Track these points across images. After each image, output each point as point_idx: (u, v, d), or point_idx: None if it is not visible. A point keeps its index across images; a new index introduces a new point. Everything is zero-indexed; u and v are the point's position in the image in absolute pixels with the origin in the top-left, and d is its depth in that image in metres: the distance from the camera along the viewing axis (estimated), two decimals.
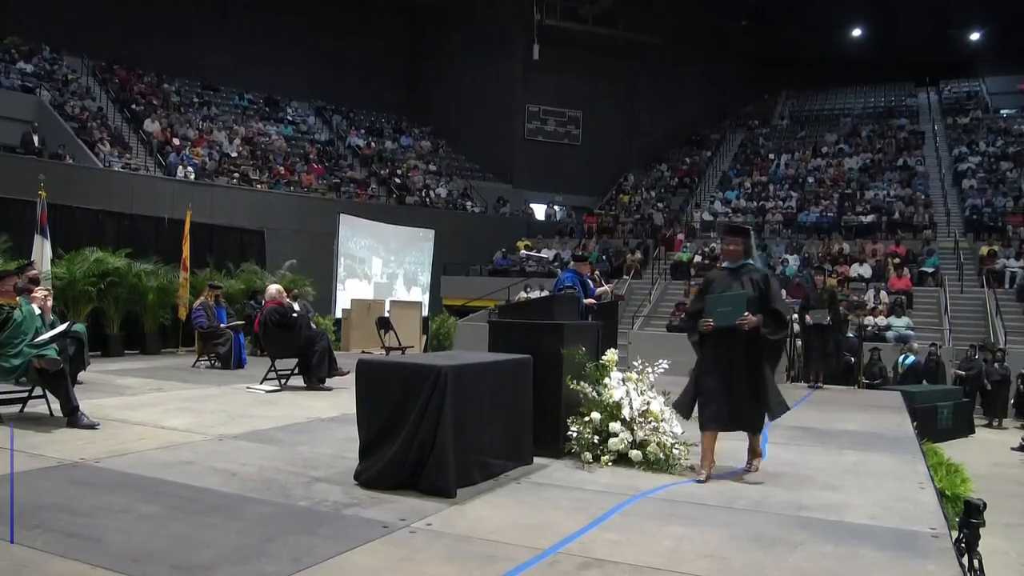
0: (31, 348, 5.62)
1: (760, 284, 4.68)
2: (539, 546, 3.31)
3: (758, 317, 4.57)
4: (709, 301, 4.69)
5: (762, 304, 4.62)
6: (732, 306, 4.57)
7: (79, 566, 2.91)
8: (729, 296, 4.65)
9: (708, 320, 4.61)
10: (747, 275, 4.75)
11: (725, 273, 4.87)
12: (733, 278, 4.77)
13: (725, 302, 4.62)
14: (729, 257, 4.86)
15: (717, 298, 4.68)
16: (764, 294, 4.65)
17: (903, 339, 15.77)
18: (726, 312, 4.58)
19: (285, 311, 8.42)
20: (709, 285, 4.86)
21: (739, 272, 4.79)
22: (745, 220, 23.02)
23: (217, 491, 4.04)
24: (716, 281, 4.86)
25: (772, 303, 4.65)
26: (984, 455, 10.31)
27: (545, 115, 28.41)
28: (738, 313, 4.54)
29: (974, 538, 4.06)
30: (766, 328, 4.59)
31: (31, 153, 16.50)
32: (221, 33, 24.68)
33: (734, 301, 4.60)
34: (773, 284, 4.74)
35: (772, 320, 4.62)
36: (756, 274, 4.76)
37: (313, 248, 16.70)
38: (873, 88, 30.62)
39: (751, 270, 4.79)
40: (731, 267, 4.85)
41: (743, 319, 4.53)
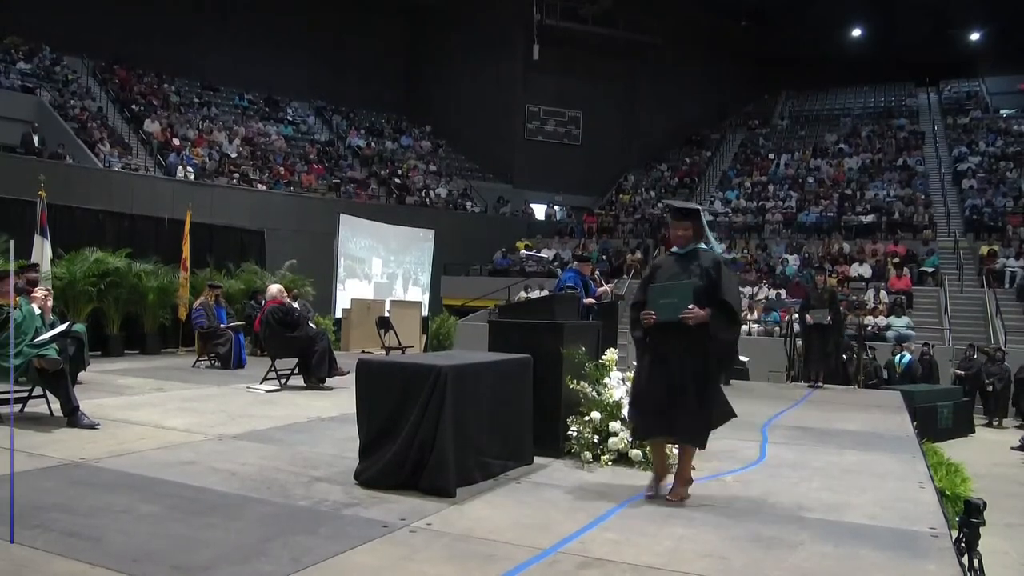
0: (31, 348, 5.62)
1: (711, 271, 4.10)
2: (539, 546, 3.31)
3: (706, 311, 4.00)
4: (652, 291, 4.15)
5: (711, 295, 4.06)
6: (677, 297, 4.03)
7: (79, 566, 2.91)
8: (673, 286, 4.10)
9: (650, 313, 4.09)
10: (697, 262, 4.19)
11: (673, 259, 4.32)
12: (681, 265, 4.22)
13: (669, 292, 4.08)
14: (677, 242, 4.28)
15: (661, 288, 4.15)
16: (714, 283, 4.08)
17: (903, 339, 15.77)
18: (670, 304, 4.04)
19: (288, 310, 8.42)
20: (655, 273, 4.30)
21: (688, 258, 4.23)
22: (745, 220, 23.07)
23: (217, 491, 4.04)
24: (663, 268, 4.30)
25: (722, 293, 4.07)
26: (984, 455, 10.31)
27: (545, 115, 28.41)
28: (683, 305, 3.99)
29: (974, 538, 4.06)
30: (715, 323, 4.02)
31: (31, 153, 16.50)
32: (221, 33, 24.68)
33: (679, 291, 4.05)
34: (725, 272, 4.19)
35: (722, 314, 4.05)
36: (707, 260, 4.19)
37: (313, 248, 16.69)
38: (873, 88, 30.62)
39: (702, 256, 4.21)
40: (680, 253, 4.28)
41: (687, 312, 3.98)
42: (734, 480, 4.70)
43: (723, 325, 4.06)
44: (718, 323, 4.04)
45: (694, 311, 3.98)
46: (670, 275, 4.19)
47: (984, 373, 14.16)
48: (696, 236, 4.24)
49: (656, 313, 4.07)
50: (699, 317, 3.98)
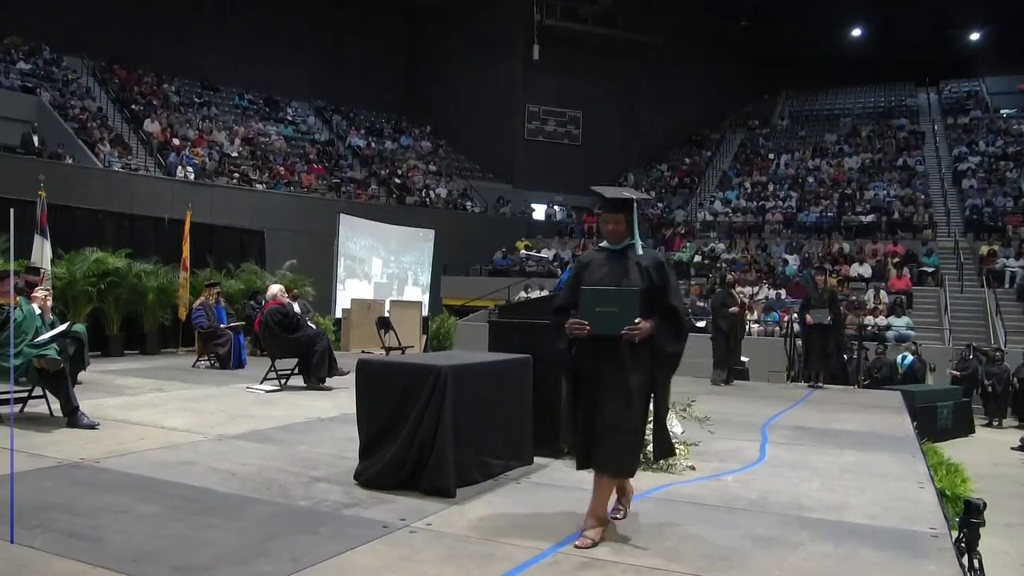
0: (31, 348, 5.62)
1: (652, 273, 3.50)
2: (539, 546, 3.31)
3: (651, 322, 3.38)
4: (585, 296, 3.45)
5: (653, 300, 3.45)
6: (619, 306, 3.36)
7: (79, 566, 2.91)
8: (615, 292, 3.43)
9: (583, 323, 3.39)
10: (634, 261, 3.55)
11: (604, 257, 3.65)
12: (616, 264, 3.58)
13: (609, 299, 3.40)
14: (610, 237, 3.66)
15: (598, 292, 3.44)
16: (658, 287, 3.49)
17: (903, 339, 15.77)
18: (609, 314, 3.36)
19: (287, 311, 8.42)
20: (583, 272, 3.66)
21: (623, 256, 3.60)
22: (745, 220, 23.07)
23: (217, 491, 4.04)
24: (592, 267, 3.64)
25: (668, 297, 3.48)
26: (984, 455, 10.31)
27: (545, 115, 28.41)
28: (628, 317, 3.32)
29: (974, 538, 4.06)
30: (662, 336, 3.41)
31: (31, 153, 16.50)
32: (221, 33, 24.68)
33: (623, 300, 3.38)
34: (669, 273, 3.56)
35: (668, 324, 3.44)
36: (646, 259, 3.57)
37: (313, 248, 16.69)
38: (873, 88, 30.61)
39: (639, 254, 3.60)
40: (612, 249, 3.66)
41: (632, 328, 3.31)
42: (734, 480, 4.70)
43: (670, 337, 3.45)
44: (665, 335, 3.43)
45: (641, 326, 3.33)
46: (602, 275, 3.57)
47: (984, 374, 14.17)
48: (630, 230, 3.63)
49: (591, 323, 3.37)
50: (646, 333, 3.35)
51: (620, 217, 3.61)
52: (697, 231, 23.39)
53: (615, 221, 3.61)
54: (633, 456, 3.53)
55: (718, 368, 10.44)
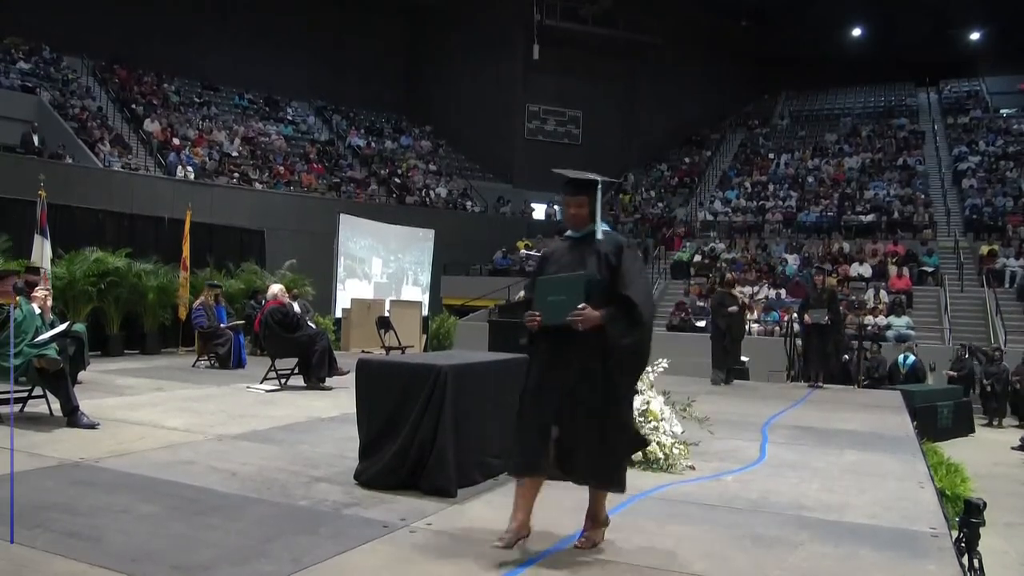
0: (31, 348, 5.62)
1: (611, 259, 3.24)
2: (539, 546, 3.31)
3: (602, 312, 3.11)
4: (538, 287, 3.30)
5: (612, 288, 3.22)
6: (565, 294, 3.15)
7: (79, 566, 2.91)
8: (562, 280, 3.21)
9: (535, 314, 3.20)
10: (595, 247, 3.32)
11: (566, 246, 3.44)
12: (576, 252, 3.36)
13: (557, 287, 3.20)
14: (572, 222, 3.42)
15: (549, 282, 3.26)
16: (615, 273, 3.24)
17: (903, 339, 15.77)
18: (557, 303, 3.15)
19: (287, 311, 8.42)
20: (545, 263, 3.45)
21: (585, 243, 3.37)
22: (745, 220, 23.07)
23: (217, 491, 4.04)
24: (554, 257, 3.43)
25: (624, 286, 3.19)
26: (984, 455, 10.30)
27: (545, 115, 28.41)
28: (572, 304, 3.10)
29: (974, 538, 4.06)
30: (612, 327, 3.13)
31: (31, 153, 16.50)
32: (221, 33, 24.68)
33: (568, 286, 3.16)
34: (629, 259, 3.29)
35: (623, 314, 3.15)
36: (608, 245, 3.31)
37: (313, 248, 16.69)
38: (873, 88, 30.61)
39: (601, 240, 3.35)
40: (575, 236, 3.43)
41: (576, 313, 3.08)
42: (734, 480, 4.70)
43: (621, 328, 3.14)
44: (615, 326, 3.13)
45: (585, 312, 3.08)
46: (562, 266, 3.33)
47: (983, 374, 14.18)
48: (592, 215, 3.40)
49: (542, 314, 3.19)
50: (590, 320, 3.08)
51: (583, 200, 3.38)
52: (697, 231, 23.38)
53: (577, 204, 3.39)
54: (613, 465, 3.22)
55: (716, 368, 10.44)
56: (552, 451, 3.15)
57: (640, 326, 3.19)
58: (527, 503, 3.24)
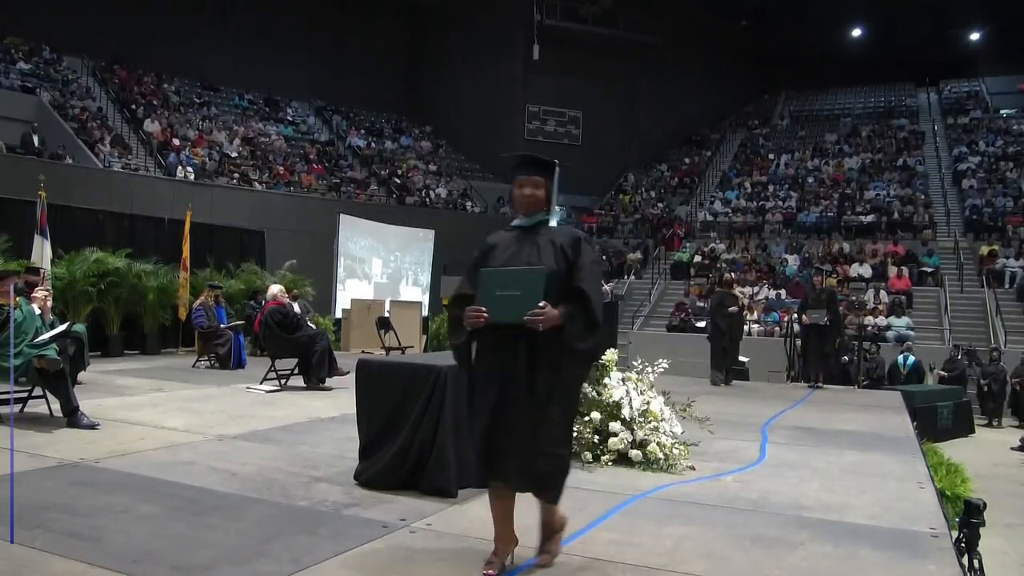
0: (31, 348, 5.62)
1: (567, 252, 2.92)
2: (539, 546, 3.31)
3: (561, 310, 2.80)
4: (484, 278, 2.91)
5: (566, 284, 2.89)
6: (521, 289, 2.81)
7: (79, 566, 2.91)
8: (518, 273, 2.88)
9: (481, 310, 2.84)
10: (547, 238, 2.98)
11: (513, 235, 3.08)
12: (525, 242, 3.00)
13: (511, 281, 2.86)
14: (524, 205, 3.06)
15: (497, 274, 2.91)
16: (571, 268, 2.91)
17: (903, 339, 15.78)
18: (510, 299, 2.81)
19: (286, 312, 8.43)
20: (488, 253, 3.08)
21: (535, 233, 3.02)
22: (745, 220, 23.07)
23: (217, 491, 4.04)
24: (499, 247, 3.06)
25: (579, 280, 2.88)
26: (984, 455, 10.30)
27: (545, 115, 28.40)
28: (529, 301, 2.77)
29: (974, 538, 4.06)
30: (571, 328, 2.82)
31: (31, 153, 16.49)
32: (221, 33, 24.67)
33: (525, 281, 2.83)
34: (586, 252, 2.95)
35: (580, 313, 2.84)
36: (562, 236, 2.99)
37: (313, 248, 16.69)
38: (873, 88, 30.61)
39: (554, 230, 3.05)
40: (524, 225, 3.07)
41: (536, 314, 2.75)
42: (734, 480, 4.70)
43: (579, 330, 2.83)
44: (574, 328, 2.82)
45: (546, 311, 2.76)
46: (509, 256, 2.98)
47: (981, 374, 14.21)
48: (548, 200, 3.08)
49: (489, 311, 2.83)
50: (551, 320, 2.77)
51: (539, 180, 3.04)
52: (697, 231, 23.39)
53: (533, 184, 3.03)
54: (549, 473, 2.89)
55: (715, 368, 10.45)
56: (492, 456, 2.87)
57: (597, 329, 2.88)
58: (506, 514, 2.99)
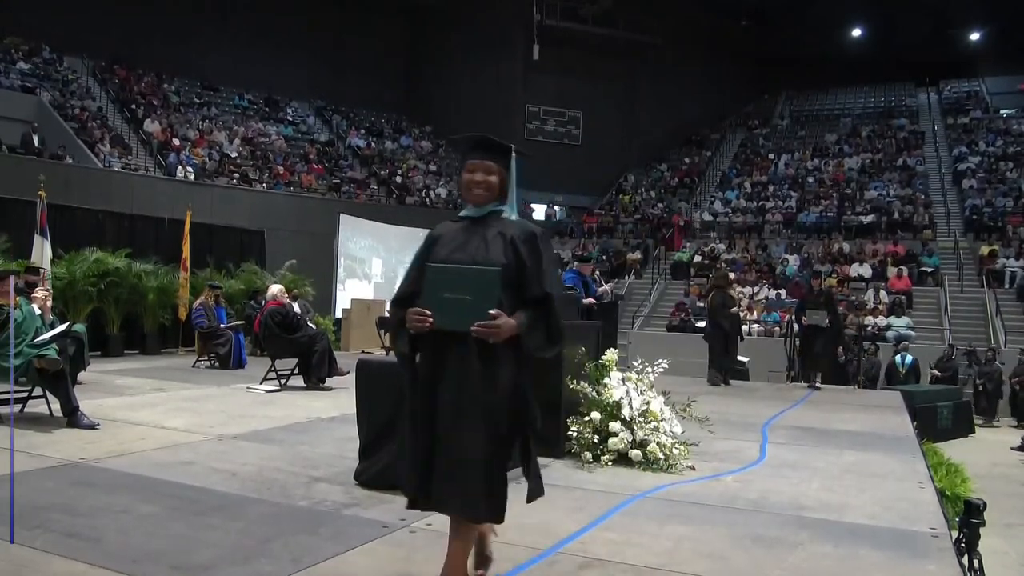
0: (31, 348, 5.62)
1: (520, 248, 2.55)
2: (539, 546, 3.31)
3: (519, 318, 2.48)
4: (430, 276, 2.52)
5: (522, 286, 2.54)
6: (472, 291, 2.45)
7: (79, 566, 2.91)
8: (465, 273, 2.49)
9: (425, 313, 2.47)
10: (498, 231, 2.60)
11: (461, 227, 2.68)
12: (474, 236, 2.62)
13: (460, 281, 2.47)
14: (475, 194, 2.66)
15: (445, 272, 2.52)
16: (529, 269, 2.54)
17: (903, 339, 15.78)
18: (459, 304, 2.45)
19: (286, 312, 8.43)
20: (433, 247, 2.67)
21: (485, 225, 2.64)
22: (745, 220, 23.07)
23: (217, 491, 4.04)
24: (444, 241, 2.66)
25: (541, 283, 2.53)
26: (984, 455, 10.31)
27: (545, 115, 28.40)
28: (481, 306, 2.43)
29: (974, 538, 4.06)
30: (531, 336, 2.51)
31: (31, 153, 16.49)
32: (221, 33, 24.67)
33: (476, 283, 2.46)
34: (544, 250, 2.61)
35: (541, 322, 2.53)
36: (513, 229, 2.61)
37: (313, 248, 16.69)
38: (873, 88, 30.62)
39: (506, 222, 2.67)
40: (473, 216, 2.68)
41: (486, 325, 2.41)
42: (734, 480, 4.70)
43: (540, 341, 2.54)
44: (535, 336, 2.52)
45: (500, 322, 2.42)
46: (454, 251, 2.60)
47: (977, 374, 14.22)
48: (502, 190, 2.69)
49: (435, 314, 2.46)
50: (506, 331, 2.43)
51: (491, 166, 2.65)
52: (697, 231, 23.39)
53: (485, 169, 2.64)
54: (490, 495, 2.56)
55: (713, 368, 10.41)
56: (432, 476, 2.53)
57: (559, 339, 2.58)
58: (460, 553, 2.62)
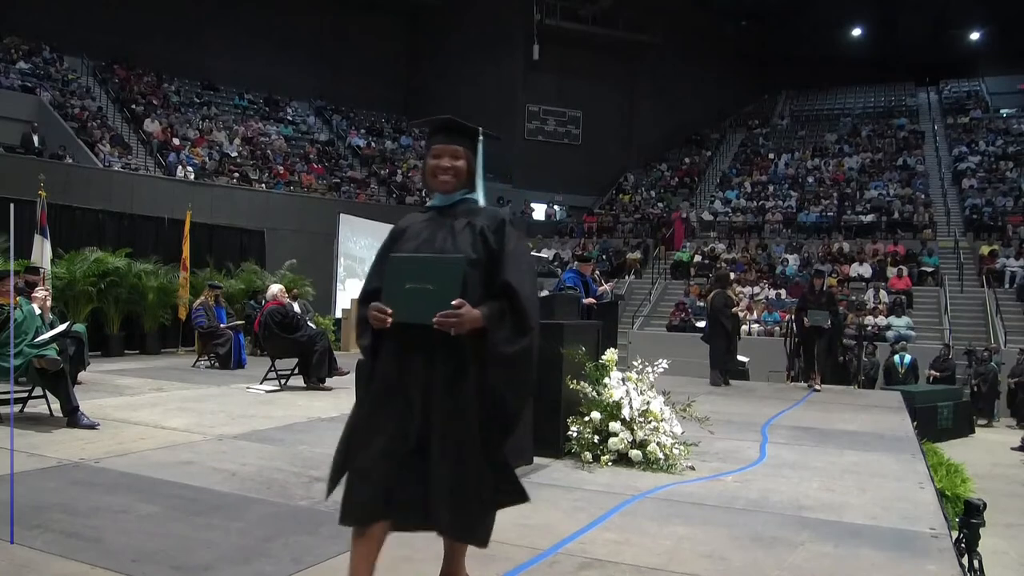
0: (31, 348, 5.62)
1: (490, 237, 2.40)
2: (539, 546, 3.31)
3: (482, 310, 2.29)
4: (392, 267, 2.37)
5: (490, 277, 2.37)
6: (433, 282, 2.28)
7: (79, 566, 2.91)
8: (428, 262, 2.34)
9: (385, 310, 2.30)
10: (466, 220, 2.45)
11: (427, 217, 2.53)
12: (441, 225, 2.46)
13: (420, 272, 2.31)
14: (441, 181, 2.48)
15: (406, 262, 2.37)
16: (496, 258, 2.38)
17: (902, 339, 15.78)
18: (420, 294, 2.28)
19: (286, 312, 8.43)
20: (398, 239, 2.54)
21: (452, 215, 2.48)
22: (745, 220, 23.07)
23: (217, 491, 4.04)
24: (411, 232, 2.51)
25: (504, 272, 2.35)
26: (984, 455, 10.31)
27: (545, 115, 28.40)
28: (443, 298, 2.25)
29: (974, 538, 4.07)
30: (496, 330, 2.31)
31: (31, 153, 16.50)
32: (221, 33, 24.68)
33: (438, 272, 2.30)
34: (511, 238, 2.42)
35: (508, 315, 2.33)
36: (483, 218, 2.45)
37: (313, 248, 16.70)
38: (873, 88, 30.62)
39: (476, 211, 2.49)
40: (439, 205, 2.52)
41: (448, 315, 2.23)
42: (734, 480, 4.69)
43: (506, 334, 2.32)
44: (499, 329, 2.31)
45: (463, 312, 2.24)
46: (420, 243, 2.44)
47: (973, 373, 14.23)
48: (471, 177, 2.53)
49: (395, 308, 2.29)
50: (469, 322, 2.26)
51: (458, 150, 2.48)
52: (697, 231, 23.40)
53: (452, 154, 2.47)
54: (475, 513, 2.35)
55: (716, 368, 10.37)
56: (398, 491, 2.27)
57: (529, 332, 2.35)
58: (367, 566, 2.32)
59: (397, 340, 2.35)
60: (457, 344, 2.30)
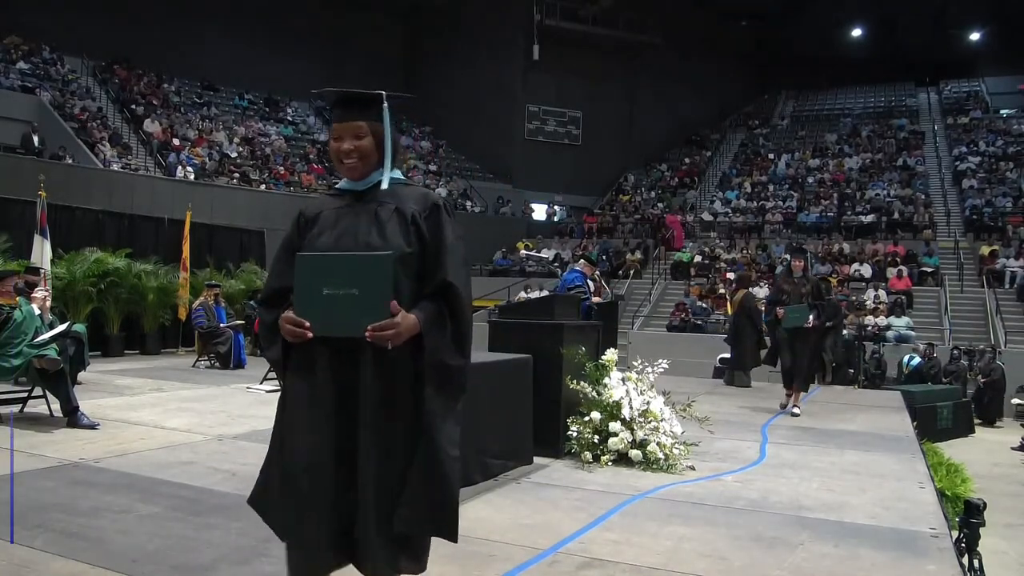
0: (31, 348, 5.62)
1: (420, 224, 2.06)
2: (539, 546, 3.31)
3: (418, 316, 1.97)
4: (303, 268, 1.99)
5: (424, 272, 2.05)
6: (359, 285, 1.93)
7: (79, 566, 2.91)
8: (351, 261, 1.98)
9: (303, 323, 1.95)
10: (390, 206, 2.08)
11: (344, 204, 2.15)
12: (361, 213, 2.10)
13: (343, 273, 1.95)
14: (348, 166, 2.11)
15: (322, 262, 2.00)
16: (431, 250, 2.05)
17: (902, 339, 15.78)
18: (344, 301, 1.93)
19: None
20: (307, 229, 2.17)
21: (371, 199, 2.12)
22: (745, 220, 23.06)
23: (217, 491, 4.04)
24: (324, 222, 2.13)
25: (442, 269, 2.04)
26: (984, 455, 10.31)
27: (545, 115, 28.40)
28: (373, 305, 1.92)
29: (974, 538, 4.06)
30: (434, 337, 2.00)
31: (31, 153, 16.50)
32: (221, 33, 24.68)
33: (363, 273, 1.94)
34: (449, 227, 2.09)
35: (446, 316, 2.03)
36: (411, 202, 2.09)
37: None
38: (873, 88, 30.62)
39: (399, 192, 2.12)
40: (352, 189, 2.16)
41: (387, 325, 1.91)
42: (734, 480, 4.70)
43: (445, 340, 2.03)
44: (440, 338, 2.02)
45: (399, 322, 1.92)
46: (338, 236, 2.07)
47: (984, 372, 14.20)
48: (381, 153, 2.12)
49: (313, 319, 1.95)
50: (408, 331, 1.95)
51: (361, 126, 2.08)
52: (697, 231, 23.40)
53: (354, 133, 2.08)
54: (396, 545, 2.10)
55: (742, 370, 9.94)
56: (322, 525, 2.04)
57: (468, 335, 2.08)
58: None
59: (316, 351, 1.99)
60: (387, 356, 1.95)
